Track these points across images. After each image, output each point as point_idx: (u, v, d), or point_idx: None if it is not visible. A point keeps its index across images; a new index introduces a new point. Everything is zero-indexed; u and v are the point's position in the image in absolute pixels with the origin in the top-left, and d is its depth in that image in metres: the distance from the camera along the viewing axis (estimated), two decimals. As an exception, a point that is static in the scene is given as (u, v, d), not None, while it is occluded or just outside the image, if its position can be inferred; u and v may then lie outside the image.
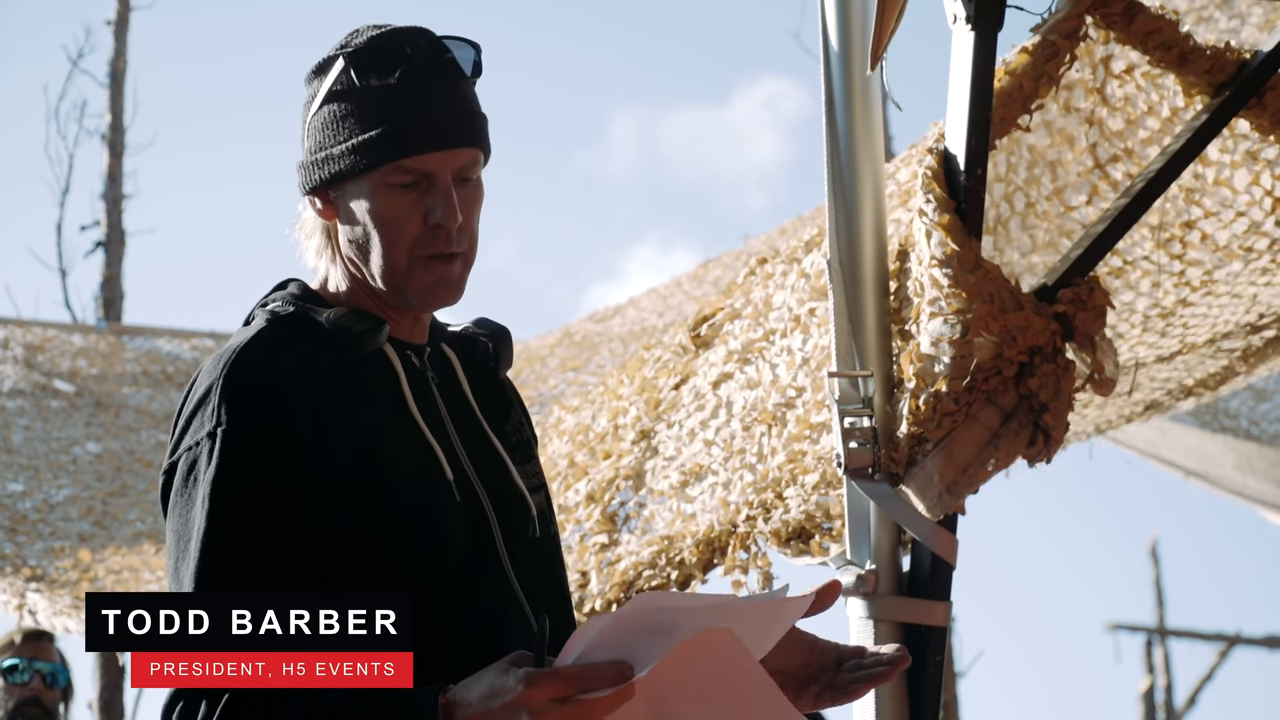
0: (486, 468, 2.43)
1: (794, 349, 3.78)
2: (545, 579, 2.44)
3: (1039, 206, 3.62)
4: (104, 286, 12.68)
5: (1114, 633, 17.79)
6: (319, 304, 2.41)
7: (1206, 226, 3.73)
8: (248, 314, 2.44)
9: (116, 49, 13.40)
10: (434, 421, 2.40)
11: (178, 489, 2.28)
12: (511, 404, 2.58)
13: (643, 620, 2.01)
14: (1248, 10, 6.77)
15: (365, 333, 2.35)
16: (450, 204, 2.35)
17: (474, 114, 2.41)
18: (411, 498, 2.30)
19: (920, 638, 3.28)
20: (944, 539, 3.23)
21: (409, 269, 2.37)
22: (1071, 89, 3.48)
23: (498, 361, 2.56)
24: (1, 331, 10.50)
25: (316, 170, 2.40)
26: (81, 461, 8.65)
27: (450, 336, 2.54)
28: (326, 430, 2.27)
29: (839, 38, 3.30)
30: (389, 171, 2.35)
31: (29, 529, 7.67)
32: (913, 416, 3.14)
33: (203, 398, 2.28)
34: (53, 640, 5.40)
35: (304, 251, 2.47)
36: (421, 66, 2.37)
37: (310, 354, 2.32)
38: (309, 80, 2.44)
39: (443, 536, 2.31)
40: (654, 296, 9.25)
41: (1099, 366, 3.20)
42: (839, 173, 3.30)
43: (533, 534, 2.45)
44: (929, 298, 3.15)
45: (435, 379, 2.45)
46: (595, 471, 4.32)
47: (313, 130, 2.41)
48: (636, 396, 4.37)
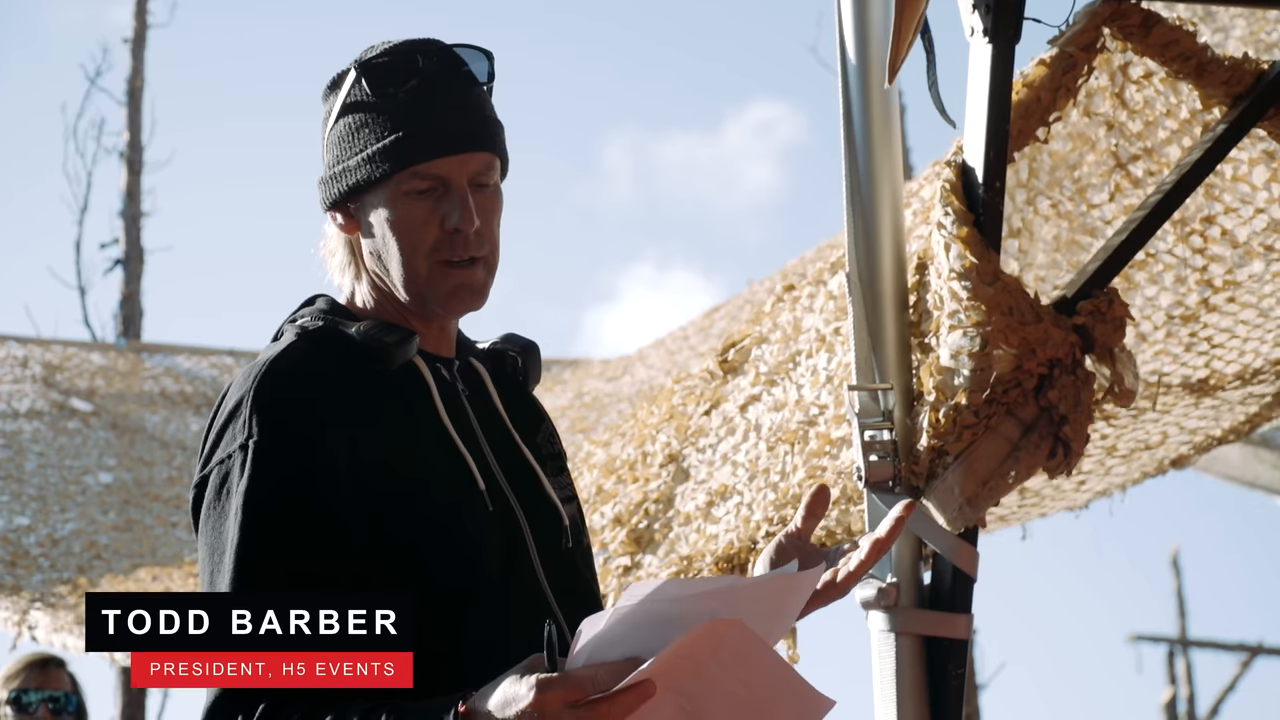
0: (519, 479, 2.43)
1: (819, 368, 3.79)
2: (578, 589, 2.44)
3: (1062, 207, 3.62)
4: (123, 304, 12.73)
5: (1136, 644, 17.75)
6: (347, 318, 2.42)
7: (1226, 222, 3.72)
8: (277, 330, 2.45)
9: (134, 67, 13.47)
10: (466, 433, 2.40)
11: (210, 502, 2.28)
12: (542, 418, 2.58)
13: (648, 611, 2.00)
14: (1230, 23, 6.81)
15: (396, 344, 2.35)
16: (466, 208, 2.36)
17: (488, 119, 2.42)
18: (445, 508, 2.31)
19: (941, 650, 3.27)
20: (965, 551, 3.23)
21: (429, 275, 2.38)
22: (1091, 96, 3.48)
23: (526, 376, 2.57)
24: (21, 350, 10.53)
25: (335, 184, 2.41)
26: (91, 492, 8.67)
27: (479, 352, 2.55)
28: (359, 442, 2.27)
29: (856, 51, 3.30)
30: (405, 179, 2.37)
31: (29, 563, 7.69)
32: (933, 429, 3.14)
33: (234, 410, 2.29)
34: (62, 665, 5.41)
35: (329, 268, 2.49)
36: (434, 74, 2.39)
37: (341, 367, 2.33)
38: (325, 96, 2.46)
39: (477, 546, 2.31)
40: (661, 351, 9.34)
41: (1119, 378, 3.19)
42: (857, 186, 3.30)
43: (565, 544, 2.45)
44: (948, 310, 3.14)
45: (466, 391, 2.46)
46: (623, 495, 4.32)
47: (330, 145, 2.43)
48: (665, 423, 4.38)
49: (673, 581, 2.01)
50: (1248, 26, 6.72)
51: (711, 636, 2.01)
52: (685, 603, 2.01)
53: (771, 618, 2.11)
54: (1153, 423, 4.55)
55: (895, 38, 3.15)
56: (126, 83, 13.40)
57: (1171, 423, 4.60)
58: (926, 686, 3.26)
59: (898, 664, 3.26)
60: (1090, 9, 3.33)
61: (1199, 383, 4.29)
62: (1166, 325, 4.05)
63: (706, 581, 2.06)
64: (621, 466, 4.47)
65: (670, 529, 4.13)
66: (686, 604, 2.01)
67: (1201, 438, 4.81)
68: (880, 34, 3.27)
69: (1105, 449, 4.69)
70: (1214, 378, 4.27)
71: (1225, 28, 6.83)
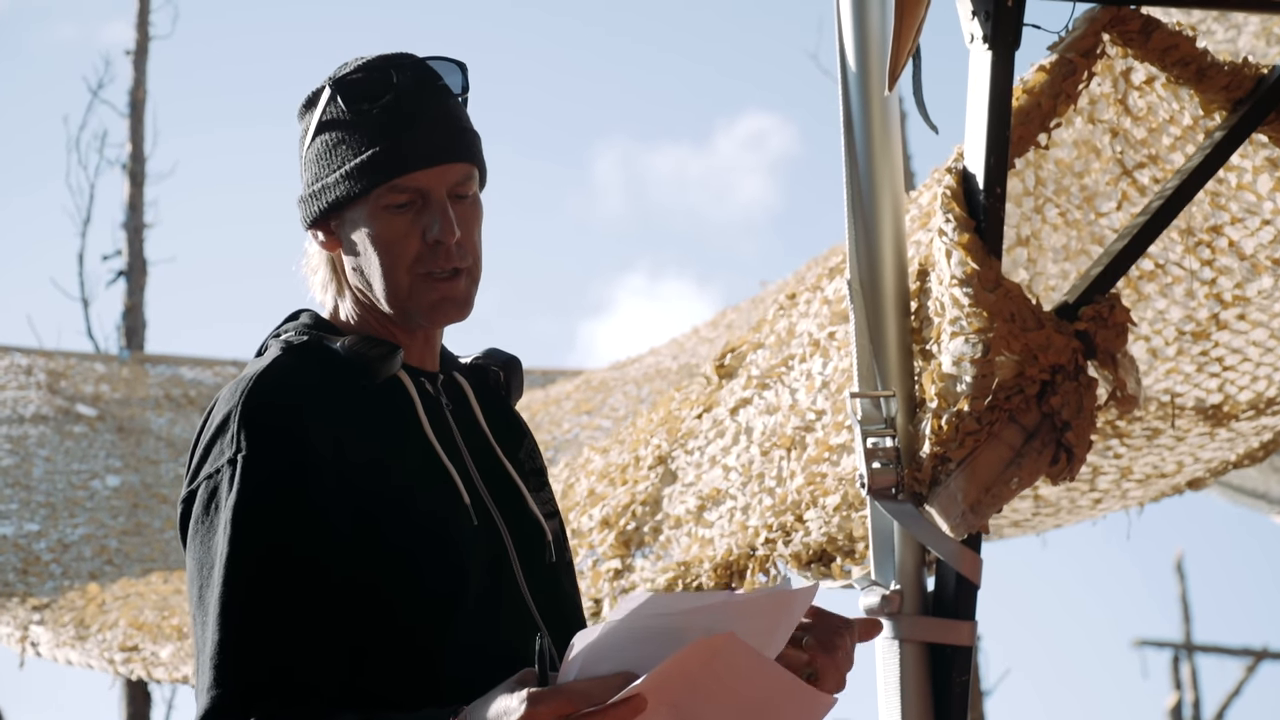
0: (502, 493, 2.44)
1: (814, 373, 3.78)
2: (561, 604, 2.44)
3: (1070, 215, 3.62)
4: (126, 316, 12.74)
5: (1140, 648, 17.72)
6: (331, 332, 2.42)
7: (1233, 233, 3.72)
8: (261, 345, 2.46)
9: (136, 79, 13.48)
10: (449, 446, 2.41)
11: (198, 517, 2.28)
12: (524, 433, 2.59)
13: (642, 626, 1.99)
14: (1244, 20, 6.82)
15: (380, 358, 2.36)
16: (447, 219, 2.36)
17: (464, 130, 2.42)
18: (430, 521, 2.31)
19: (946, 657, 3.27)
20: (968, 558, 3.23)
21: (412, 288, 2.38)
22: (1095, 103, 3.49)
23: (509, 391, 2.58)
24: (25, 360, 10.54)
25: (315, 202, 2.42)
26: (99, 496, 8.69)
27: (462, 366, 2.56)
28: (345, 455, 2.28)
29: (856, 58, 3.30)
30: (384, 193, 2.37)
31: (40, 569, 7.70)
32: (935, 436, 3.14)
33: (221, 425, 2.29)
34: None
35: (310, 287, 2.49)
36: (409, 88, 2.39)
37: (326, 380, 2.33)
38: (300, 115, 2.47)
39: (462, 560, 2.31)
40: (673, 345, 9.34)
41: (1121, 384, 3.19)
42: (858, 192, 3.30)
43: (549, 559, 2.46)
44: (950, 317, 3.15)
45: (449, 405, 2.46)
46: (611, 497, 4.32)
47: (308, 163, 2.44)
48: (659, 428, 4.38)
49: (666, 595, 2.01)
50: (1260, 21, 6.73)
51: (705, 651, 2.00)
52: (678, 617, 2.00)
53: (765, 634, 2.10)
54: (1168, 449, 4.55)
55: (895, 44, 3.16)
56: (129, 94, 13.42)
57: (1186, 453, 4.60)
58: (931, 693, 3.26)
59: (902, 671, 3.26)
60: (1090, 15, 3.33)
61: (1213, 409, 4.28)
62: (1178, 341, 4.05)
63: (700, 596, 2.05)
64: (614, 469, 4.47)
65: (660, 531, 4.13)
66: (680, 619, 2.00)
67: (1217, 464, 4.81)
68: (880, 41, 3.27)
69: (1121, 470, 4.69)
70: (1228, 404, 4.26)
71: (1239, 24, 6.84)
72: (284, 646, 2.19)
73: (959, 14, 3.27)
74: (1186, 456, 4.64)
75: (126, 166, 13.24)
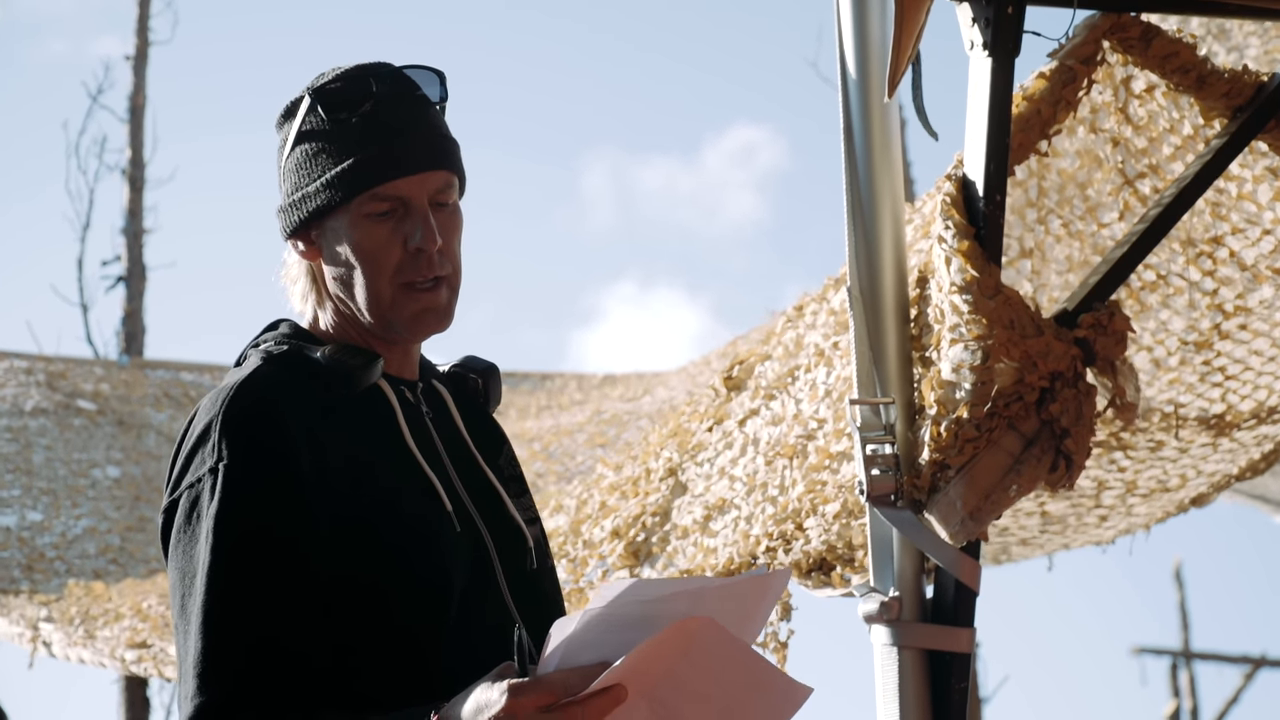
0: (483, 500, 2.45)
1: (818, 382, 3.79)
2: (543, 609, 2.45)
3: (1073, 226, 3.62)
4: (125, 321, 12.75)
5: (1139, 656, 17.73)
6: (311, 342, 2.42)
7: (1234, 243, 3.72)
8: (240, 354, 2.46)
9: (136, 84, 13.50)
10: (430, 455, 2.42)
11: (180, 526, 2.28)
12: (503, 440, 2.60)
13: (619, 613, 2.00)
14: (1245, 41, 6.78)
15: (360, 367, 2.36)
16: (429, 227, 2.37)
17: (444, 138, 2.43)
18: (412, 529, 2.32)
19: (944, 664, 3.27)
20: (967, 565, 3.22)
21: (393, 299, 2.38)
22: (1096, 112, 3.49)
23: (487, 398, 2.58)
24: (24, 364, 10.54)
25: (295, 211, 2.42)
26: (101, 486, 8.68)
27: (441, 374, 2.56)
28: (326, 464, 2.28)
29: (856, 65, 3.30)
30: (364, 202, 2.37)
31: (45, 566, 7.69)
32: (934, 443, 3.14)
33: (202, 434, 2.29)
34: None
35: (290, 297, 2.49)
36: (387, 96, 2.40)
37: (306, 390, 2.34)
38: (279, 125, 2.47)
39: (445, 566, 2.32)
40: (684, 375, 9.37)
41: (1120, 391, 3.19)
42: (858, 200, 3.30)
43: (530, 565, 2.47)
44: (949, 324, 3.15)
45: (429, 414, 2.47)
46: (623, 509, 4.32)
47: (288, 173, 2.44)
48: (670, 439, 4.39)
49: (642, 582, 2.01)
50: (1262, 45, 6.69)
51: (682, 635, 2.01)
52: (655, 604, 2.01)
53: (742, 619, 2.11)
54: (1171, 462, 4.55)
55: (895, 51, 3.16)
56: (128, 100, 13.44)
57: (1189, 465, 4.61)
58: (929, 700, 3.26)
59: (900, 678, 3.26)
60: (1090, 22, 3.33)
61: (1215, 418, 4.29)
62: (1180, 351, 4.05)
63: (677, 582, 2.06)
64: (625, 483, 4.48)
65: (668, 542, 4.13)
66: (657, 605, 2.01)
67: (1220, 477, 4.81)
68: (880, 47, 3.27)
69: (1126, 484, 4.70)
70: (1230, 414, 4.27)
71: (1239, 46, 6.81)
72: (267, 654, 2.19)
73: (959, 21, 3.28)
74: (1190, 469, 4.64)
75: (126, 172, 13.25)
